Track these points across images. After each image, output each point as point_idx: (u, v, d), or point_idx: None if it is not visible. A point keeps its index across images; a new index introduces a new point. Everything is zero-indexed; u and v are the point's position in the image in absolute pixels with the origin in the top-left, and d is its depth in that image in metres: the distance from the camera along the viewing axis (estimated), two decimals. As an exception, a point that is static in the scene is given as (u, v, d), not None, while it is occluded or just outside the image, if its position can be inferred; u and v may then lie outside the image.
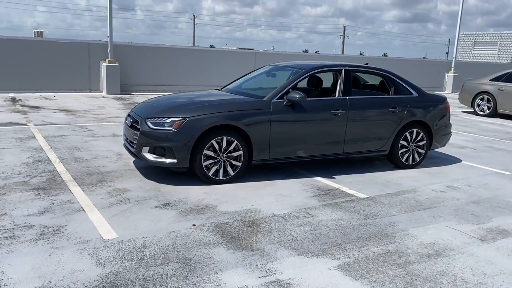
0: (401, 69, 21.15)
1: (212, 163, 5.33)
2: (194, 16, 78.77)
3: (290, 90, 5.74)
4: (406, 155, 6.58)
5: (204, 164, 5.27)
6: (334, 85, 6.45)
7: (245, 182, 5.53)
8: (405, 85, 6.66)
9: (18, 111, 10.14)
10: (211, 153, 5.28)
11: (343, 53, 70.81)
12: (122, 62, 14.44)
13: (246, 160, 5.51)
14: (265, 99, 5.67)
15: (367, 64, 6.97)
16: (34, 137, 7.53)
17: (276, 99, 5.67)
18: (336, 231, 4.16)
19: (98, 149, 6.88)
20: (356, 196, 5.23)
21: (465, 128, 11.06)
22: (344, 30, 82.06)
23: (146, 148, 5.29)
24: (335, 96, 6.11)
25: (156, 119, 5.29)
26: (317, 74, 6.47)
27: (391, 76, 6.60)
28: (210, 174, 5.33)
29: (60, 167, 5.79)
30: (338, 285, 3.20)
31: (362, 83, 6.97)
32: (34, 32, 18.87)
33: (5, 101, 11.71)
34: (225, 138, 5.31)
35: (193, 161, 5.24)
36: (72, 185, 5.09)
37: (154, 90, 14.83)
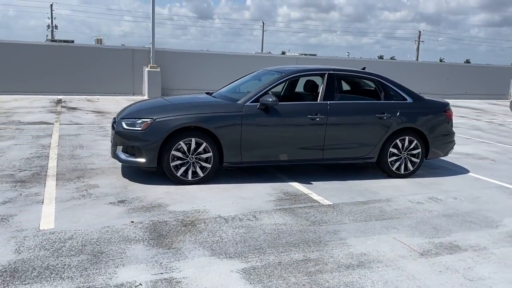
0: (460, 76, 20.07)
1: (181, 163, 5.45)
2: (263, 23, 79.81)
3: (265, 93, 5.72)
4: (397, 163, 6.27)
5: (172, 164, 5.41)
6: (316, 89, 6.33)
7: (215, 183, 5.59)
8: (398, 90, 6.36)
9: (55, 112, 10.96)
10: (179, 154, 5.42)
11: (417, 59, 68.11)
12: (163, 67, 15.06)
13: (217, 162, 5.57)
14: (239, 102, 5.70)
15: (363, 69, 6.76)
16: (51, 135, 8.12)
17: (250, 102, 5.68)
18: (269, 235, 4.10)
19: (99, 148, 7.28)
20: (319, 203, 5.09)
21: (503, 139, 10.25)
22: (419, 35, 78.83)
23: (120, 148, 5.54)
24: (317, 100, 5.98)
25: (129, 119, 5.52)
26: (298, 78, 6.38)
27: (381, 80, 6.34)
28: (178, 174, 5.46)
29: (52, 163, 6.22)
30: (228, 287, 3.17)
31: (353, 88, 6.77)
32: (95, 39, 20.19)
33: (50, 102, 12.70)
34: (193, 140, 5.42)
35: (161, 161, 5.40)
36: (50, 180, 5.45)
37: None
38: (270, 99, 5.57)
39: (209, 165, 5.54)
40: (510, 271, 3.64)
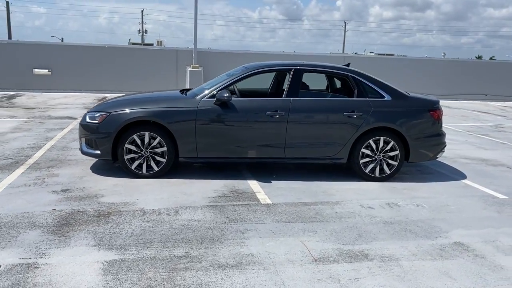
0: (501, 74, 17.89)
1: (135, 157, 5.56)
2: (345, 23, 78.59)
3: (223, 89, 5.64)
4: (371, 165, 5.83)
5: (126, 157, 5.53)
6: (281, 85, 6.09)
7: (170, 178, 5.62)
8: (374, 86, 5.91)
9: (88, 108, 11.68)
10: (133, 147, 5.52)
11: None
12: (206, 67, 15.40)
13: (172, 157, 5.59)
14: (196, 97, 5.68)
15: (348, 64, 6.40)
16: (64, 128, 8.67)
17: (207, 98, 5.63)
18: (171, 231, 4.04)
19: (95, 141, 7.62)
20: (258, 202, 4.90)
21: (546, 145, 9.07)
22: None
23: (83, 140, 5.78)
24: (282, 97, 5.76)
25: (91, 113, 5.73)
26: (262, 73, 6.17)
27: (355, 77, 5.93)
28: (132, 167, 5.56)
29: (39, 154, 6.65)
30: (78, 275, 3.18)
31: (324, 85, 6.41)
32: (156, 41, 21.22)
33: (94, 100, 13.56)
34: (147, 134, 5.49)
35: (116, 154, 5.54)
36: (21, 168, 5.83)
37: (233, 93, 15.46)
38: (226, 95, 5.48)
39: (163, 160, 5.58)
40: (401, 286, 3.23)
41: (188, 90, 6.61)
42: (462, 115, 13.53)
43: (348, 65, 6.41)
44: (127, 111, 5.53)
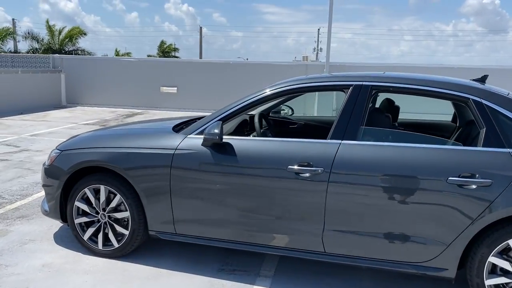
0: None
1: (89, 222, 3.55)
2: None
3: (224, 120, 3.26)
4: (511, 293, 2.70)
5: (76, 221, 3.57)
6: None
7: (136, 261, 3.45)
8: (526, 125, 2.77)
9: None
10: (84, 207, 3.53)
11: None
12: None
13: (141, 229, 3.42)
14: (180, 132, 3.40)
15: (483, 78, 3.35)
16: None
17: (195, 134, 3.32)
18: None
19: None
20: None
21: None
22: None
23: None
24: (326, 138, 3.07)
25: (54, 150, 3.93)
26: (295, 95, 3.51)
27: (486, 102, 2.86)
28: (84, 237, 3.56)
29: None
30: None
31: (413, 118, 3.42)
32: (302, 56, 19.52)
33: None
34: (103, 188, 3.45)
35: (65, 214, 3.63)
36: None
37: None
38: (216, 131, 3.09)
39: (126, 232, 3.44)
40: None
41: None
42: None
43: (482, 79, 3.32)
44: (80, 150, 3.57)
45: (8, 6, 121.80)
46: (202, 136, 3.19)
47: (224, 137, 3.18)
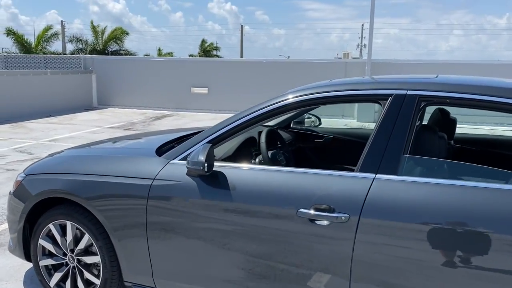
0: None
1: (56, 265, 2.85)
2: None
3: (214, 142, 2.45)
4: None
5: (41, 263, 2.87)
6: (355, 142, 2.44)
7: (109, 320, 2.70)
8: None
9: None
10: (49, 246, 2.82)
11: None
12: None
13: (114, 277, 2.67)
14: (162, 157, 2.61)
15: None
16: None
17: (179, 159, 2.52)
18: None
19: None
20: None
21: None
22: None
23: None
24: (355, 171, 2.19)
25: (20, 174, 3.24)
26: (311, 107, 2.64)
27: None
28: (51, 284, 2.86)
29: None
30: None
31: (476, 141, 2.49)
32: (343, 53, 18.53)
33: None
34: (69, 224, 2.72)
35: (28, 254, 2.94)
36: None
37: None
38: (200, 158, 2.27)
39: (97, 281, 2.70)
40: None
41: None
42: None
43: None
44: (44, 176, 2.87)
45: (60, 9, 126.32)
46: (185, 163, 2.40)
47: (217, 164, 2.37)
